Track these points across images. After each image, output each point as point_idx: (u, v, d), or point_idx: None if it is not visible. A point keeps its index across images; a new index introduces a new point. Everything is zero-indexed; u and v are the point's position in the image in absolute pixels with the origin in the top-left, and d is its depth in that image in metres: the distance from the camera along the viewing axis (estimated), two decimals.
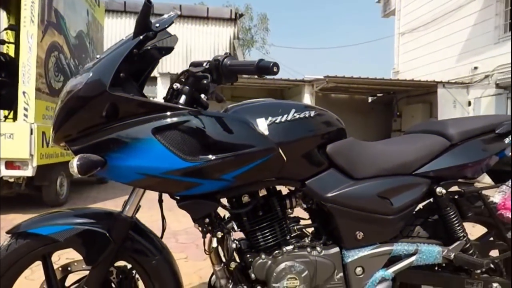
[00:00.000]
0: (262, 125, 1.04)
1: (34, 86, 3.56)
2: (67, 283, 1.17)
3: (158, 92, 9.09)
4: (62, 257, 1.99)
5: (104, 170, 0.95)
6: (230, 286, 1.16)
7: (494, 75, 8.16)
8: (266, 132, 1.04)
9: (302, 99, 10.10)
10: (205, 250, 1.14)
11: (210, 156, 0.97)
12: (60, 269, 1.14)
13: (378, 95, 12.99)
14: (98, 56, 1.04)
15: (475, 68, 8.73)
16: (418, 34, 10.98)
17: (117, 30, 12.89)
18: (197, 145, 0.98)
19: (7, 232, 1.07)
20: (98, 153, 0.94)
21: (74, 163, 0.90)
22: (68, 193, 4.63)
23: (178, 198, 1.10)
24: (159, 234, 1.20)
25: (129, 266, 1.18)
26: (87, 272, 1.17)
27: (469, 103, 8.91)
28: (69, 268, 1.15)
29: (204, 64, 1.01)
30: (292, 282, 1.09)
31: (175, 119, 0.98)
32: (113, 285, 1.16)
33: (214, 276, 1.25)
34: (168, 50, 1.12)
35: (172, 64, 13.12)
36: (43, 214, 1.11)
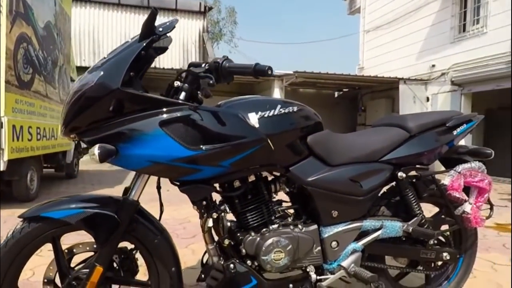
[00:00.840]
0: (253, 118, 1.20)
1: (3, 78, 3.47)
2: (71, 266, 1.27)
3: None
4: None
5: (116, 158, 1.07)
6: (222, 262, 1.31)
7: (449, 73, 8.77)
8: (256, 125, 1.19)
9: (272, 94, 10.31)
10: (202, 229, 1.28)
11: (210, 146, 1.12)
12: (66, 251, 1.24)
13: (344, 90, 13.49)
14: (105, 56, 1.14)
15: (433, 66, 9.33)
16: (381, 32, 11.49)
17: (113, 23, 12.48)
18: (198, 136, 1.12)
19: (20, 216, 1.15)
20: (110, 143, 1.05)
21: (95, 151, 1.01)
22: (38, 188, 4.54)
23: (179, 183, 1.23)
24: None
25: (129, 247, 1.30)
26: (90, 254, 1.28)
27: (427, 99, 9.52)
28: (74, 250, 1.25)
29: (204, 65, 1.15)
30: (278, 254, 1.26)
31: (179, 113, 1.11)
32: (115, 264, 1.27)
33: (206, 255, 1.40)
34: (163, 50, 1.24)
35: None
36: (53, 199, 1.20)
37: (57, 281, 1.25)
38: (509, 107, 9.26)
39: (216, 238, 1.35)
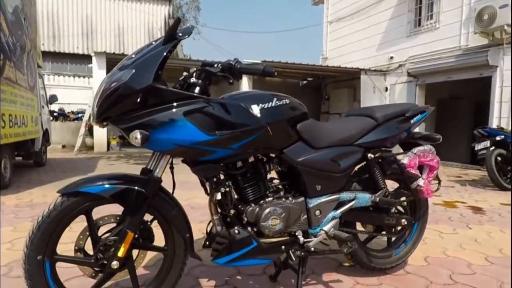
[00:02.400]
0: (256, 109, 1.45)
1: None
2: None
3: (94, 70, 8.71)
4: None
5: (148, 142, 1.28)
6: (224, 229, 1.57)
7: (406, 65, 9.43)
8: (258, 115, 1.44)
9: (240, 82, 10.50)
10: (213, 202, 1.52)
11: (223, 131, 1.36)
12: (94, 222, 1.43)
13: (309, 79, 13.94)
14: (132, 56, 1.33)
15: (391, 58, 9.97)
16: (344, 23, 11.98)
17: (73, 6, 11.73)
18: (213, 123, 1.35)
19: (58, 191, 1.33)
20: (143, 129, 1.26)
21: (138, 135, 1.22)
22: (11, 176, 4.50)
23: (191, 163, 1.46)
24: None
25: (146, 218, 1.51)
26: (113, 225, 1.48)
27: (386, 89, 10.18)
28: (100, 222, 1.44)
29: (217, 65, 1.37)
30: (274, 221, 1.54)
31: (198, 105, 1.33)
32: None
33: (211, 225, 1.65)
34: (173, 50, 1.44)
35: (104, 43, 12.43)
36: (85, 177, 1.38)
37: (86, 248, 1.44)
38: (458, 97, 10.18)
39: (219, 210, 1.60)
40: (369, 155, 1.75)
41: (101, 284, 1.42)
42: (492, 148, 4.99)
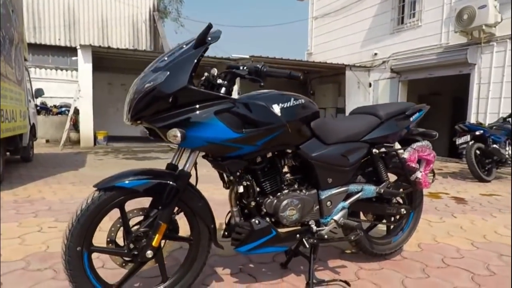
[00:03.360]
0: (276, 108, 1.56)
1: None
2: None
3: (79, 63, 8.56)
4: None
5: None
6: (243, 220, 1.68)
7: (389, 61, 9.72)
8: (279, 114, 1.56)
9: None
10: (234, 194, 1.63)
11: (249, 129, 1.46)
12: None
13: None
14: (165, 58, 1.41)
15: (375, 54, 10.24)
16: (329, 19, 12.17)
17: None
18: (240, 122, 1.45)
19: (95, 186, 1.41)
20: (179, 128, 1.35)
21: (178, 133, 1.31)
22: (3, 172, 4.45)
23: (212, 159, 1.57)
24: None
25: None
26: (140, 218, 1.56)
27: (370, 85, 10.47)
28: (130, 215, 1.53)
29: (243, 68, 1.47)
30: (292, 212, 1.67)
31: (226, 105, 1.43)
32: None
33: (230, 216, 1.76)
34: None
35: (88, 35, 12.14)
36: (119, 173, 1.46)
37: (117, 240, 1.52)
38: (438, 93, 10.59)
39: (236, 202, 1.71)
40: (374, 150, 1.90)
41: (133, 273, 1.51)
42: (472, 142, 5.29)
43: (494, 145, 5.23)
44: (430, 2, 8.69)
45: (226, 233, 1.74)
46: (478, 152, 5.30)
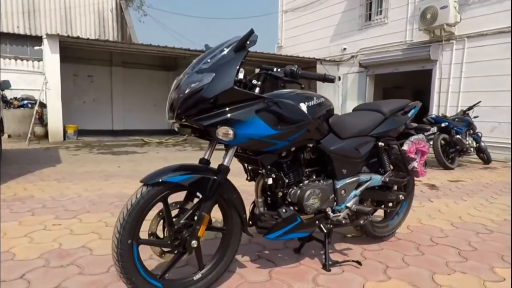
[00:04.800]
0: (303, 107, 1.71)
1: None
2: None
3: (45, 53, 8.11)
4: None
5: None
6: (266, 210, 1.83)
7: (358, 56, 10.16)
8: (306, 112, 1.71)
9: None
10: (261, 186, 1.76)
11: (283, 126, 1.60)
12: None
13: (263, 66, 14.24)
14: (208, 60, 1.50)
15: (344, 49, 10.64)
16: (299, 13, 12.41)
17: None
18: (276, 119, 1.58)
19: (142, 181, 1.47)
20: (226, 126, 1.45)
21: (230, 131, 1.41)
22: None
23: (250, 154, 1.69)
24: None
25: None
26: (175, 211, 1.65)
27: (339, 78, 10.89)
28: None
29: (278, 70, 1.60)
30: (314, 200, 1.83)
31: (264, 104, 1.55)
32: (195, 217, 1.67)
33: (254, 206, 1.89)
34: None
35: (49, 23, 11.45)
36: (162, 168, 1.53)
37: (158, 233, 1.61)
38: (401, 86, 11.25)
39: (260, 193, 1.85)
40: (380, 143, 2.11)
41: (175, 263, 1.61)
42: (438, 133, 5.77)
43: (457, 136, 5.74)
44: (396, 1, 9.17)
45: (250, 222, 1.87)
46: (443, 142, 5.79)
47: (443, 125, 5.73)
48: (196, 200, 1.64)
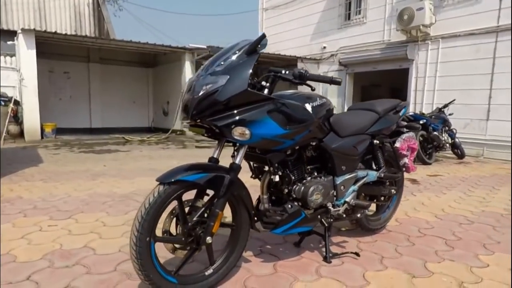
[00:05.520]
0: (309, 107, 1.79)
1: None
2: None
3: (21, 49, 7.81)
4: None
5: None
6: (271, 206, 1.91)
7: (338, 55, 10.39)
8: (311, 112, 1.79)
9: (182, 66, 10.42)
10: (266, 183, 1.84)
11: (292, 126, 1.67)
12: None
13: None
14: (222, 63, 1.55)
15: (324, 47, 10.85)
16: (279, 11, 12.52)
17: None
18: (285, 119, 1.66)
19: (158, 180, 1.51)
20: (240, 126, 1.51)
21: (247, 131, 1.47)
22: None
23: (258, 152, 1.76)
24: None
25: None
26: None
27: None
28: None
29: (286, 72, 1.67)
30: (317, 196, 1.92)
31: (274, 105, 1.62)
32: (206, 215, 1.73)
33: (258, 202, 1.96)
34: None
35: (22, 17, 10.95)
36: (177, 167, 1.56)
37: (171, 230, 1.65)
38: (379, 84, 11.60)
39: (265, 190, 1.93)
40: (375, 141, 2.24)
41: (188, 259, 1.66)
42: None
43: (435, 132, 6.03)
44: (374, 1, 9.44)
45: (255, 218, 1.94)
46: (421, 138, 6.06)
47: (421, 122, 6.00)
48: (206, 198, 1.69)
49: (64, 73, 10.77)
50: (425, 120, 6.02)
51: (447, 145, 6.37)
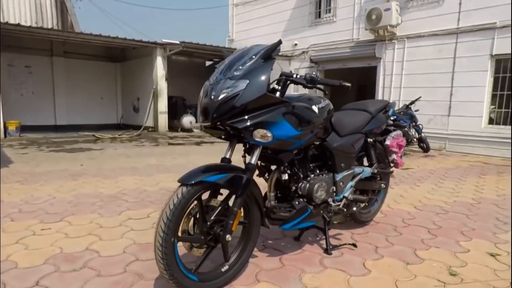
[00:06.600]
0: (315, 109, 1.90)
1: None
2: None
3: None
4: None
5: None
6: (277, 203, 2.01)
7: (309, 52, 10.63)
8: (318, 113, 1.90)
9: (154, 61, 10.20)
10: (274, 181, 1.93)
11: (303, 127, 1.77)
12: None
13: (215, 60, 14.23)
14: (240, 67, 1.61)
15: (295, 44, 11.05)
16: (250, 7, 12.56)
17: None
18: (297, 121, 1.75)
19: (180, 181, 1.54)
20: (258, 128, 1.58)
21: (269, 133, 1.54)
22: None
23: (269, 152, 1.84)
24: None
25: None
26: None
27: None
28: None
29: (297, 76, 1.76)
30: (321, 192, 2.04)
31: (287, 107, 1.71)
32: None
33: (265, 199, 2.05)
34: None
35: None
36: (196, 169, 1.60)
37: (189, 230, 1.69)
38: (349, 81, 12.00)
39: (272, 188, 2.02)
40: (369, 139, 2.39)
41: (207, 256, 1.71)
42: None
43: (404, 128, 6.40)
44: (343, 0, 9.74)
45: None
46: None
47: (392, 118, 6.33)
48: (220, 197, 1.75)
49: (25, 67, 10.15)
50: (395, 116, 6.36)
51: (415, 139, 6.79)
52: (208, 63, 14.57)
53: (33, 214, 2.90)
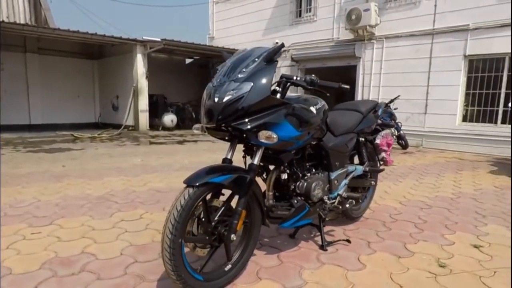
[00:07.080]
0: (314, 110, 1.95)
1: None
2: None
3: None
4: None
5: None
6: (275, 201, 2.05)
7: (290, 51, 10.73)
8: (316, 114, 1.95)
9: (134, 58, 10.01)
10: (273, 181, 1.97)
11: (303, 128, 1.82)
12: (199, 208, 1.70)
13: (195, 57, 14.14)
14: (244, 69, 1.63)
15: (276, 43, 11.06)
16: (230, 5, 12.53)
17: None
18: (298, 122, 1.79)
19: (185, 183, 1.55)
20: (263, 130, 1.61)
21: (274, 135, 1.57)
22: None
23: (270, 152, 1.88)
24: None
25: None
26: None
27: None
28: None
29: (296, 78, 1.80)
30: (319, 190, 2.11)
31: (289, 109, 1.75)
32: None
33: (264, 198, 2.09)
34: None
35: None
36: (200, 170, 1.61)
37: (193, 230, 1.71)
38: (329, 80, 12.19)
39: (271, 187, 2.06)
40: (361, 138, 2.48)
41: (211, 256, 1.74)
42: None
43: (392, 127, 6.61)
44: (324, 0, 9.89)
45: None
46: None
47: None
48: (222, 197, 1.78)
49: None
50: None
51: (394, 137, 7.01)
52: (188, 60, 14.44)
53: (20, 218, 2.81)
